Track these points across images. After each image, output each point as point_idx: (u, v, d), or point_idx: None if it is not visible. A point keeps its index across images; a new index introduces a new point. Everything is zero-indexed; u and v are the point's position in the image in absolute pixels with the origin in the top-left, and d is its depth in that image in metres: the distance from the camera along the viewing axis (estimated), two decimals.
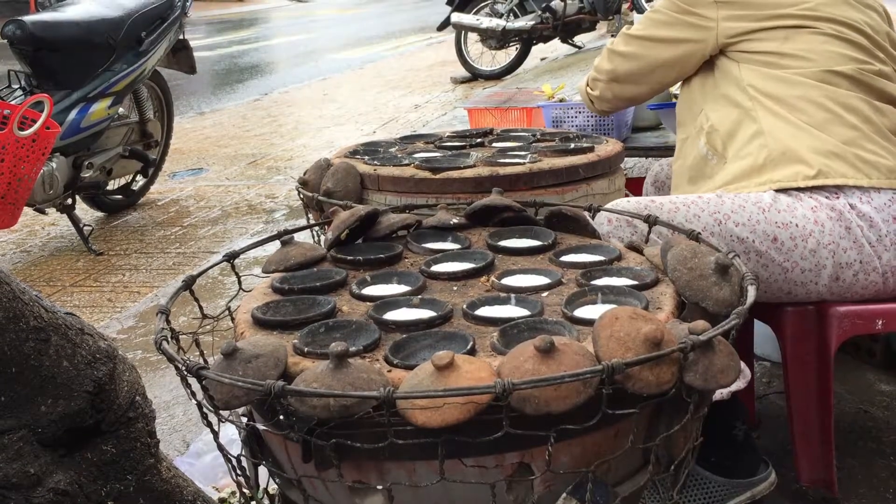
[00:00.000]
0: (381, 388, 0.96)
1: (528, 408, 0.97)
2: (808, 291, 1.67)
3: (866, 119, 1.72)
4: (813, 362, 1.71)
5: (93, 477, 1.26)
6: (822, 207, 1.65)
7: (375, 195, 1.81)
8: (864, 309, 1.66)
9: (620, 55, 1.98)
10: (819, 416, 1.73)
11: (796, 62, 1.76)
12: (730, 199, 1.69)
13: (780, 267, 1.65)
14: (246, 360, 1.08)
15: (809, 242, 1.64)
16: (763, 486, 1.83)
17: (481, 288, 1.35)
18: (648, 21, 1.95)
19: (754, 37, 1.80)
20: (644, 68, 1.97)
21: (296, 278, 1.42)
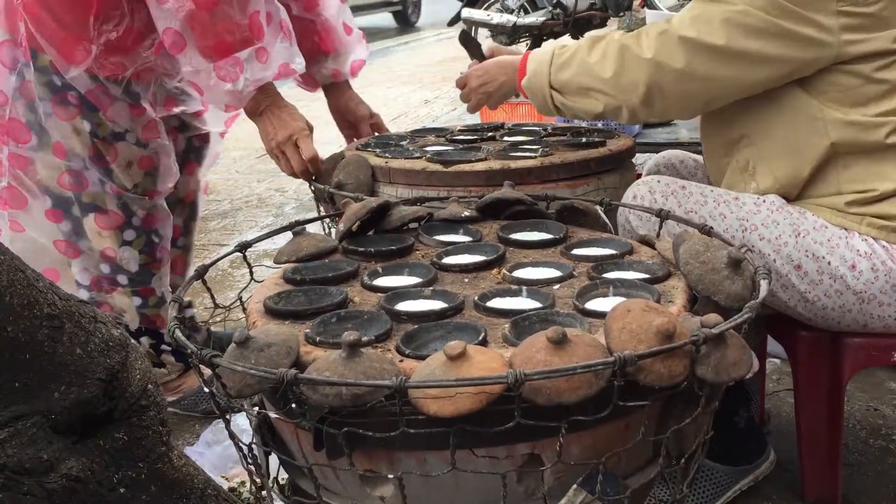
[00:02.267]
0: (394, 378, 0.96)
1: (540, 398, 0.98)
2: (828, 325, 1.61)
3: None
4: (825, 390, 1.69)
5: (105, 464, 1.27)
6: (873, 256, 1.53)
7: (387, 188, 1.81)
8: (880, 341, 1.62)
9: (676, 73, 1.50)
10: (828, 440, 1.72)
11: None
12: (768, 208, 1.58)
13: (800, 293, 1.57)
14: (258, 349, 1.09)
15: (837, 283, 1.55)
16: (763, 467, 1.83)
17: (493, 280, 1.35)
18: (733, 27, 1.47)
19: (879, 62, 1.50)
20: (713, 91, 1.54)
21: (307, 269, 1.42)
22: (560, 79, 1.63)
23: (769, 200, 1.60)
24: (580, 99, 1.62)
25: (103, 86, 1.92)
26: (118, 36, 1.85)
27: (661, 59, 1.51)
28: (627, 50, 1.55)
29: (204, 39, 1.77)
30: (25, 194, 1.98)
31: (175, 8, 1.74)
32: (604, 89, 1.58)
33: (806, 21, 1.46)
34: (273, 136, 1.88)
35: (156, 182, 2.06)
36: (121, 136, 1.98)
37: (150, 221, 2.07)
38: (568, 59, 1.62)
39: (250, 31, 1.78)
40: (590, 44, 1.62)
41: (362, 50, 2.22)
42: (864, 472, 1.94)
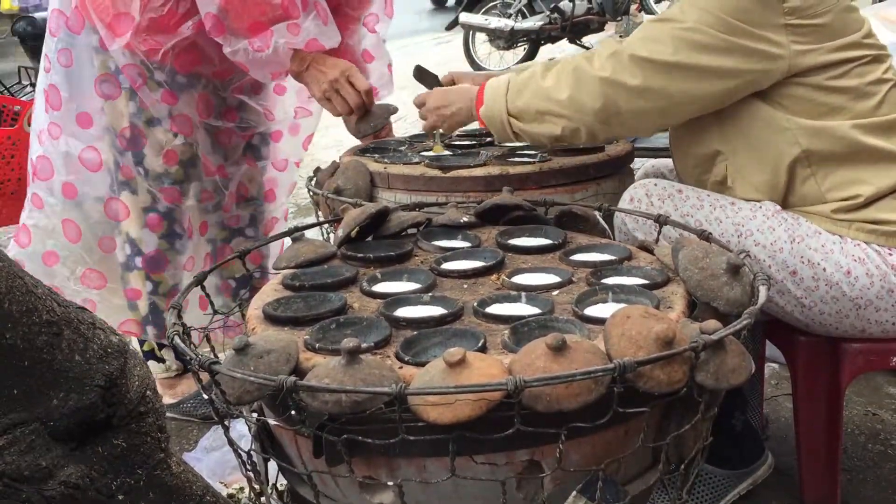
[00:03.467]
0: (393, 385, 0.96)
1: (540, 405, 0.98)
2: (826, 331, 1.61)
3: None
4: (823, 395, 1.69)
5: (103, 471, 1.27)
6: (867, 262, 1.53)
7: (385, 193, 1.81)
8: (878, 346, 1.62)
9: (630, 90, 1.52)
10: (827, 445, 1.72)
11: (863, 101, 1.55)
12: (764, 214, 1.59)
13: (797, 299, 1.57)
14: (258, 356, 1.09)
15: (833, 290, 1.54)
16: (762, 470, 1.83)
17: (492, 286, 1.35)
18: (683, 44, 1.49)
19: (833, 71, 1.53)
20: (668, 107, 1.55)
21: (306, 275, 1.42)
22: (517, 105, 1.64)
23: (765, 206, 1.60)
24: (537, 124, 1.63)
25: (141, 66, 1.96)
26: (161, 16, 1.91)
27: (615, 77, 1.53)
28: (581, 70, 1.57)
29: (239, 21, 1.85)
30: (53, 166, 2.06)
31: None
32: (560, 111, 1.59)
33: (756, 37, 1.49)
34: (324, 78, 1.92)
35: (188, 173, 2.08)
36: (156, 122, 2.02)
37: (176, 210, 2.09)
38: (523, 85, 1.64)
39: (282, 9, 1.86)
40: (544, 69, 1.63)
41: (380, 80, 2.25)
42: (863, 477, 1.94)
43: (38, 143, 2.07)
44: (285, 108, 2.25)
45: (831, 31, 1.52)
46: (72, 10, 1.97)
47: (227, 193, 2.15)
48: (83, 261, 2.11)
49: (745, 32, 1.49)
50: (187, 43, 1.94)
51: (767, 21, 1.49)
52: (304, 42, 1.87)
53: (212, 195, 2.13)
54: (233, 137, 2.13)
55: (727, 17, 1.48)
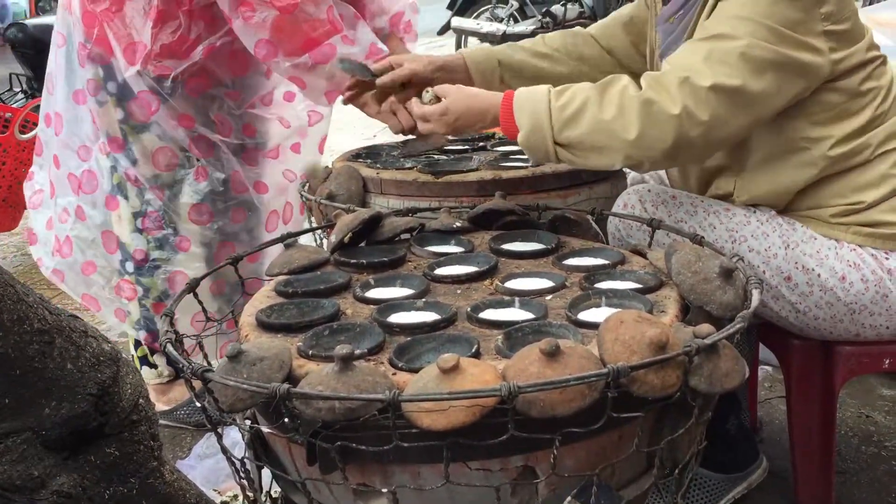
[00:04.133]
0: (387, 391, 0.96)
1: (534, 411, 0.98)
2: (820, 335, 1.61)
3: None
4: (817, 398, 1.69)
5: (96, 479, 1.26)
6: (862, 267, 1.54)
7: (378, 198, 1.81)
8: (871, 349, 1.63)
9: (703, 124, 1.41)
10: (821, 448, 1.72)
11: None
12: (758, 219, 1.57)
13: (791, 305, 1.57)
14: (251, 363, 1.08)
15: (828, 295, 1.54)
16: (757, 474, 1.83)
17: (485, 291, 1.35)
18: (746, 62, 1.42)
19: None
20: (736, 134, 1.48)
21: (299, 281, 1.42)
22: (568, 136, 1.46)
23: (759, 211, 1.60)
24: (593, 155, 1.48)
25: (153, 89, 1.99)
26: (173, 42, 1.94)
27: (690, 111, 1.41)
28: (652, 105, 1.43)
29: (292, 42, 1.84)
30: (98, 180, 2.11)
31: (262, 19, 1.81)
32: (626, 150, 1.45)
33: (804, 46, 1.45)
34: None
35: (180, 178, 2.08)
36: (146, 127, 2.03)
37: (200, 210, 2.09)
38: (576, 115, 1.46)
39: (330, 24, 1.84)
40: (598, 96, 1.46)
41: (402, 3, 2.18)
42: (857, 480, 1.94)
43: (79, 158, 2.11)
44: (297, 114, 2.24)
45: (853, 35, 1.51)
46: (93, 40, 2.00)
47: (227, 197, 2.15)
48: (119, 272, 2.14)
49: (793, 40, 1.44)
50: (196, 67, 1.96)
51: (810, 28, 1.45)
52: (366, 49, 1.84)
53: (226, 199, 2.14)
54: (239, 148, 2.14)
55: (778, 27, 1.43)
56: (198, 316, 1.47)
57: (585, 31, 1.96)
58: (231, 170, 2.11)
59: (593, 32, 1.95)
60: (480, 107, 1.57)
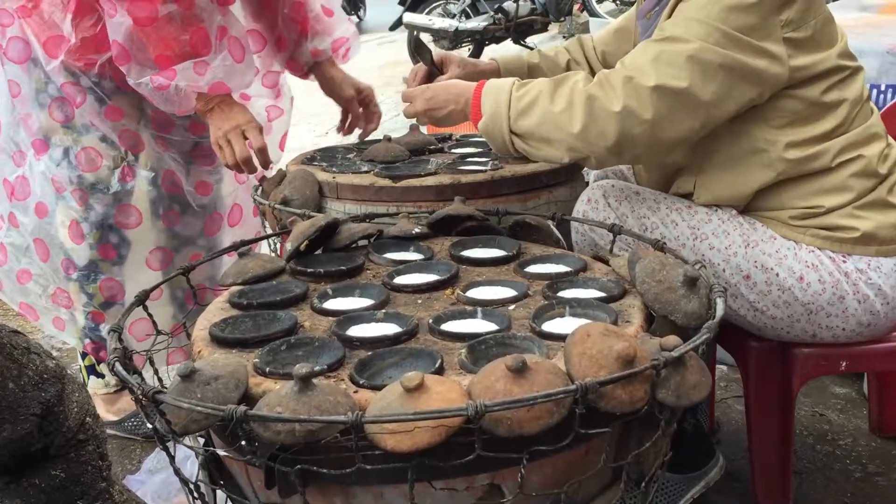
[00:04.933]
0: (349, 413, 0.92)
1: (501, 429, 0.95)
2: (777, 335, 1.62)
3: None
4: (775, 399, 1.69)
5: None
6: (820, 268, 1.54)
7: (334, 203, 1.76)
8: (828, 351, 1.63)
9: (645, 122, 1.44)
10: (779, 450, 1.73)
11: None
12: (719, 217, 1.58)
13: (749, 303, 1.58)
14: (205, 382, 1.04)
15: (786, 294, 1.55)
16: (714, 472, 1.84)
17: (446, 301, 1.32)
18: (696, 67, 1.42)
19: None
20: (684, 134, 1.48)
21: (254, 292, 1.37)
22: (522, 126, 1.53)
23: (721, 210, 1.61)
24: (544, 146, 1.53)
25: (77, 81, 1.92)
26: (94, 34, 1.87)
27: (631, 109, 1.44)
28: (595, 101, 1.46)
29: (143, 53, 1.78)
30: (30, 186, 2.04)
31: (118, 23, 1.76)
32: (571, 143, 1.49)
33: (759, 51, 1.44)
34: (220, 126, 1.83)
35: (120, 180, 2.01)
36: (89, 132, 1.97)
37: (114, 215, 2.02)
38: (529, 105, 1.52)
39: (191, 46, 1.77)
40: (551, 89, 1.52)
41: (345, 29, 2.18)
42: (813, 480, 1.96)
43: (14, 164, 2.04)
44: (256, 111, 2.18)
45: (818, 42, 1.50)
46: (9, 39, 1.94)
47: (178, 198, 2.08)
48: (53, 279, 2.07)
49: (749, 46, 1.43)
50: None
51: (768, 34, 1.44)
52: (208, 85, 1.79)
53: (160, 200, 2.06)
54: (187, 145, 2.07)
55: (732, 32, 1.43)
56: (147, 328, 1.41)
57: (588, 37, 2.02)
58: (163, 168, 2.04)
59: (594, 40, 2.01)
60: (457, 90, 1.66)
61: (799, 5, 1.47)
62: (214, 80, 1.79)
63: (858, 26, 2.61)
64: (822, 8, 1.53)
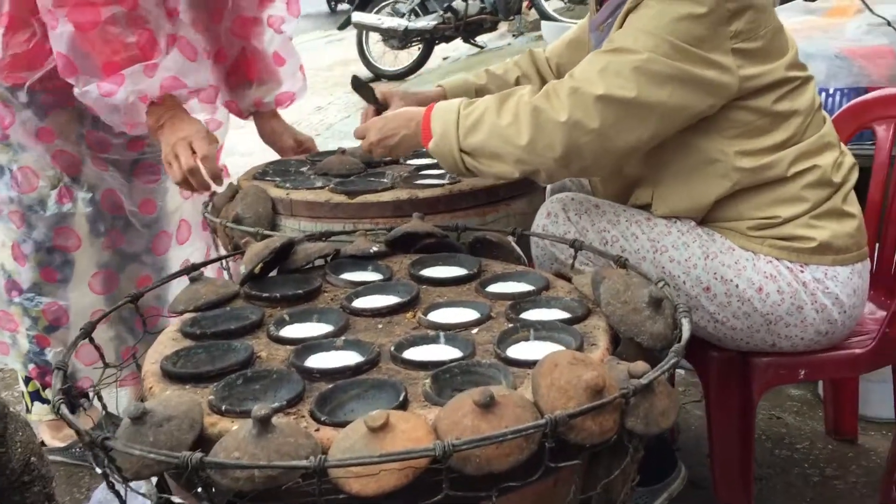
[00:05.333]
0: (311, 458, 0.88)
1: (469, 467, 0.92)
2: (737, 345, 1.62)
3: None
4: (736, 409, 1.69)
5: None
6: (778, 279, 1.54)
7: (289, 220, 1.71)
8: (788, 360, 1.64)
9: (592, 132, 1.43)
10: (740, 460, 1.73)
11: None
12: (679, 229, 1.58)
13: (710, 314, 1.58)
14: (157, 424, 0.99)
15: (745, 306, 1.55)
16: (676, 484, 1.84)
17: (408, 325, 1.29)
18: (643, 78, 1.42)
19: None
20: (632, 145, 1.48)
21: (207, 319, 1.32)
22: (470, 143, 1.52)
23: (680, 221, 1.60)
24: (494, 162, 1.52)
25: (5, 101, 1.86)
26: (27, 50, 1.80)
27: (577, 119, 1.43)
28: (540, 113, 1.46)
29: (89, 60, 1.70)
30: None
31: (60, 33, 1.68)
32: (519, 156, 1.48)
33: (708, 63, 1.44)
34: (169, 141, 1.74)
35: (57, 202, 1.94)
36: (25, 148, 1.89)
37: (53, 238, 1.94)
38: (477, 122, 1.51)
39: (139, 49, 1.70)
40: (498, 103, 1.52)
41: (294, 83, 2.15)
42: (772, 485, 1.97)
43: None
44: None
45: (768, 53, 1.50)
46: None
47: (120, 218, 2.01)
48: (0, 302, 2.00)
49: (698, 58, 1.43)
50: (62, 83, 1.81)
51: (717, 46, 1.44)
52: (159, 83, 1.70)
53: (100, 221, 1.99)
54: (126, 164, 1.99)
55: (680, 43, 1.42)
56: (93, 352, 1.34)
57: (539, 51, 1.98)
58: (103, 189, 1.97)
59: (547, 53, 1.97)
60: (408, 115, 1.65)
61: (748, 16, 1.47)
62: (167, 76, 1.71)
63: (805, 30, 2.64)
64: (772, 18, 1.54)
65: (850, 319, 1.62)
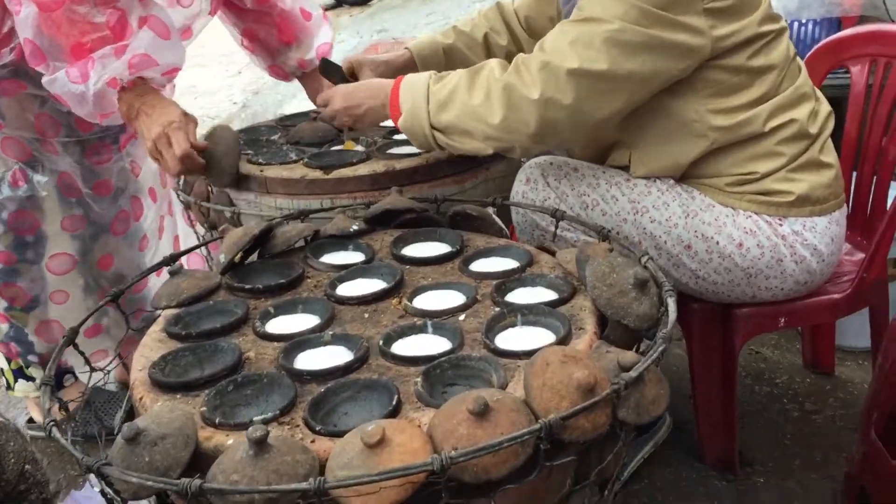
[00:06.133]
0: (311, 480, 0.89)
1: (467, 476, 0.93)
2: (719, 298, 1.64)
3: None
4: (718, 359, 1.73)
5: None
6: (757, 233, 1.56)
7: (264, 198, 1.68)
8: (767, 309, 1.67)
9: (565, 107, 1.42)
10: (723, 408, 1.78)
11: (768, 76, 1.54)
12: (658, 189, 1.58)
13: (691, 271, 1.60)
14: (151, 443, 0.98)
15: (726, 261, 1.57)
16: (662, 432, 1.89)
17: (394, 313, 1.28)
18: (614, 48, 1.40)
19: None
20: (606, 116, 1.47)
21: (191, 316, 1.31)
22: (441, 120, 1.51)
23: (659, 181, 1.60)
24: (466, 139, 1.51)
25: None
26: None
27: (549, 95, 1.42)
28: (512, 90, 1.44)
29: (56, 44, 1.61)
30: None
31: (24, 16, 1.59)
32: (492, 134, 1.47)
33: (679, 26, 1.41)
34: (148, 135, 1.66)
35: (11, 185, 1.89)
36: None
37: (21, 218, 1.91)
38: (447, 98, 1.50)
39: (109, 28, 1.62)
40: (468, 80, 1.50)
41: (326, 32, 2.09)
42: (754, 423, 2.02)
43: None
44: None
45: (740, 9, 1.47)
46: None
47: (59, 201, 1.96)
48: None
49: (668, 21, 1.40)
50: (8, 70, 1.75)
51: (688, 7, 1.41)
52: (127, 62, 1.60)
53: (61, 202, 1.94)
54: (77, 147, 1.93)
55: (650, 8, 1.39)
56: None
57: (507, 2, 1.93)
58: (58, 172, 1.92)
59: (515, 3, 1.92)
60: (375, 87, 1.63)
61: None
62: (136, 53, 1.61)
63: None
64: None
65: (828, 267, 1.64)
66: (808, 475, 1.84)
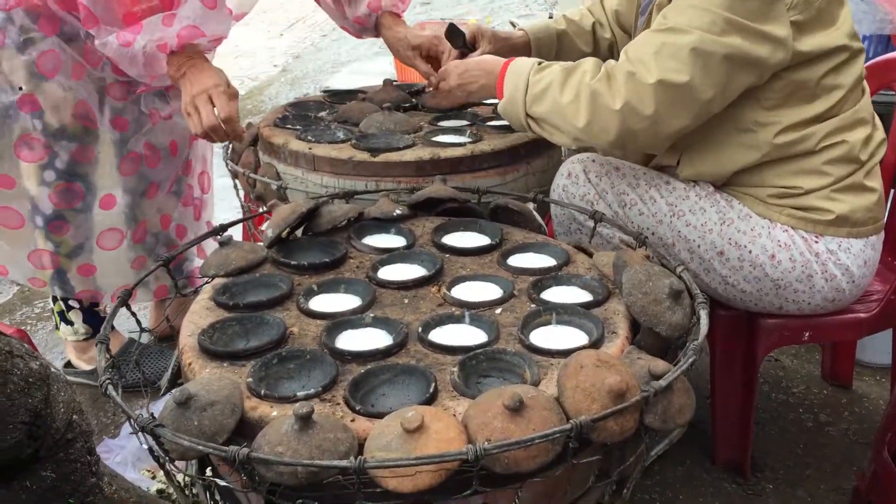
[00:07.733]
0: (352, 458, 0.94)
1: (498, 467, 0.98)
2: (745, 306, 1.67)
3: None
4: (740, 367, 1.76)
5: None
6: (791, 248, 1.58)
7: (311, 175, 1.73)
8: (793, 322, 1.70)
9: (647, 118, 1.45)
10: (740, 414, 1.81)
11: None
12: (697, 194, 1.61)
13: (721, 277, 1.63)
14: (201, 409, 1.04)
15: (757, 270, 1.60)
16: (677, 431, 1.92)
17: (433, 301, 1.33)
18: (696, 57, 1.42)
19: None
20: (685, 128, 1.50)
21: (238, 286, 1.36)
22: (535, 111, 1.57)
23: (699, 186, 1.63)
24: (556, 132, 1.57)
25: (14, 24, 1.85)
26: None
27: (632, 106, 1.45)
28: (599, 98, 1.48)
29: (110, 11, 1.70)
30: None
31: None
32: (577, 134, 1.53)
33: (761, 36, 1.43)
34: (189, 91, 1.74)
35: (88, 129, 1.96)
36: (47, 77, 1.89)
37: (75, 166, 1.97)
38: (542, 92, 1.55)
39: (159, 0, 1.69)
40: (562, 78, 1.54)
41: None
42: (768, 430, 2.06)
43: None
44: None
45: (821, 23, 1.48)
46: None
47: (139, 147, 2.03)
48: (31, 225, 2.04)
49: (753, 32, 1.42)
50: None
51: (773, 17, 1.43)
52: (176, 33, 1.68)
53: (122, 147, 2.01)
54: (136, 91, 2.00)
55: (736, 17, 1.41)
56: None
57: (609, 2, 1.99)
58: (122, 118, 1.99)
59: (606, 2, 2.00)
60: (488, 66, 1.71)
61: None
62: (185, 26, 1.70)
63: None
64: None
65: (857, 288, 1.67)
66: (818, 485, 1.88)
